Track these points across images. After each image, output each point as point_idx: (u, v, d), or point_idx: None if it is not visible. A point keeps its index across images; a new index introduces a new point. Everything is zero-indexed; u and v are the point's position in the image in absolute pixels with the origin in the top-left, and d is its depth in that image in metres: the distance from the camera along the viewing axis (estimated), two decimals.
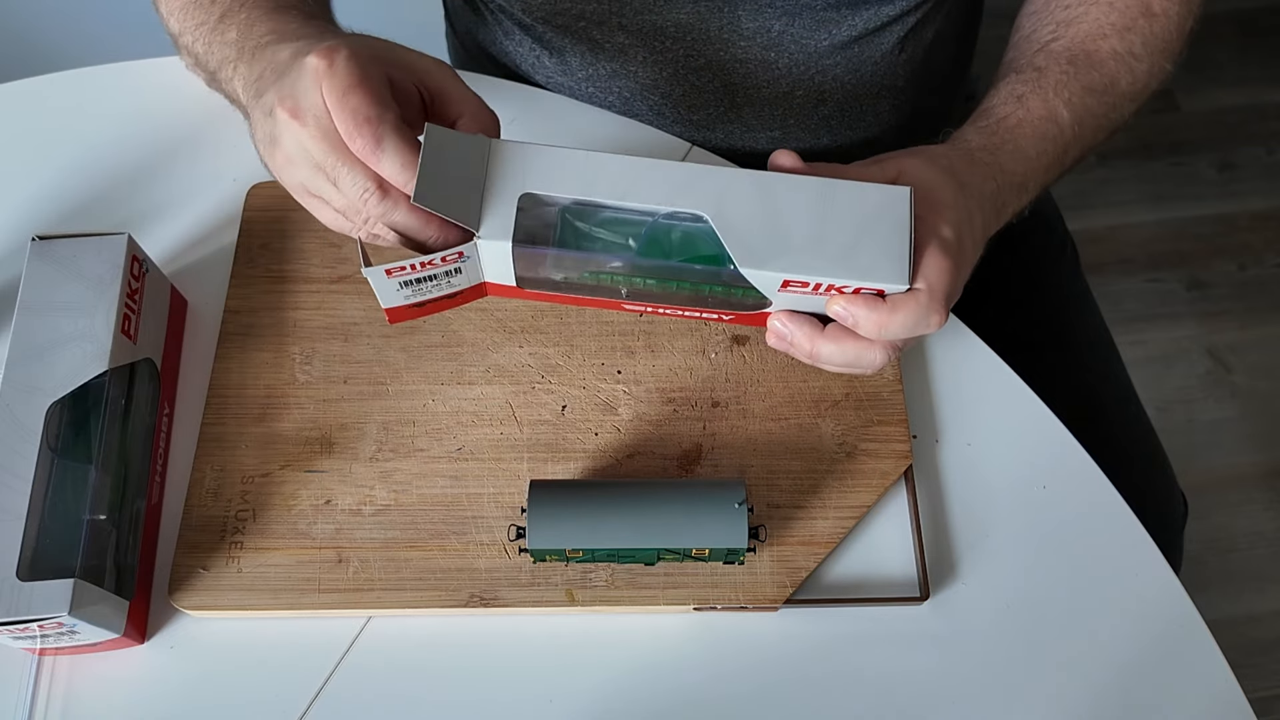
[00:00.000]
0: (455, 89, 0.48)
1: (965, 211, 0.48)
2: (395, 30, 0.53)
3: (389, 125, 0.43)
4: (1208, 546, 1.27)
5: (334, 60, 0.43)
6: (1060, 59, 0.57)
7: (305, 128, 0.44)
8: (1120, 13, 0.59)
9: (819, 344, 0.47)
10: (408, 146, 0.43)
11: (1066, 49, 0.58)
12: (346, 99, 0.43)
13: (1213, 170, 1.56)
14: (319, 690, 0.51)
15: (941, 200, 0.47)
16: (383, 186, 0.44)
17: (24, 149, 0.67)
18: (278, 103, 0.44)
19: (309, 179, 0.45)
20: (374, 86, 0.43)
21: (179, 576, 0.53)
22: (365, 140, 0.43)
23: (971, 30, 0.79)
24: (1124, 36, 0.58)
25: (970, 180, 0.50)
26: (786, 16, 0.65)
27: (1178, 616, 0.53)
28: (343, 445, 0.56)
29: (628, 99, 0.70)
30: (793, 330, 0.48)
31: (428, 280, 0.47)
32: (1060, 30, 0.59)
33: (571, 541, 0.50)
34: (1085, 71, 0.57)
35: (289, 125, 0.44)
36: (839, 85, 0.69)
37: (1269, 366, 1.39)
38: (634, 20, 0.66)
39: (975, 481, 0.56)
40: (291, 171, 0.46)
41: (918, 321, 0.45)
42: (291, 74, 0.44)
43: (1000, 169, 0.52)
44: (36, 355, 0.51)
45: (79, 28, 1.22)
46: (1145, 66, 0.59)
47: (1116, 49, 0.58)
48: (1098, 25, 0.59)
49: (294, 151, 0.45)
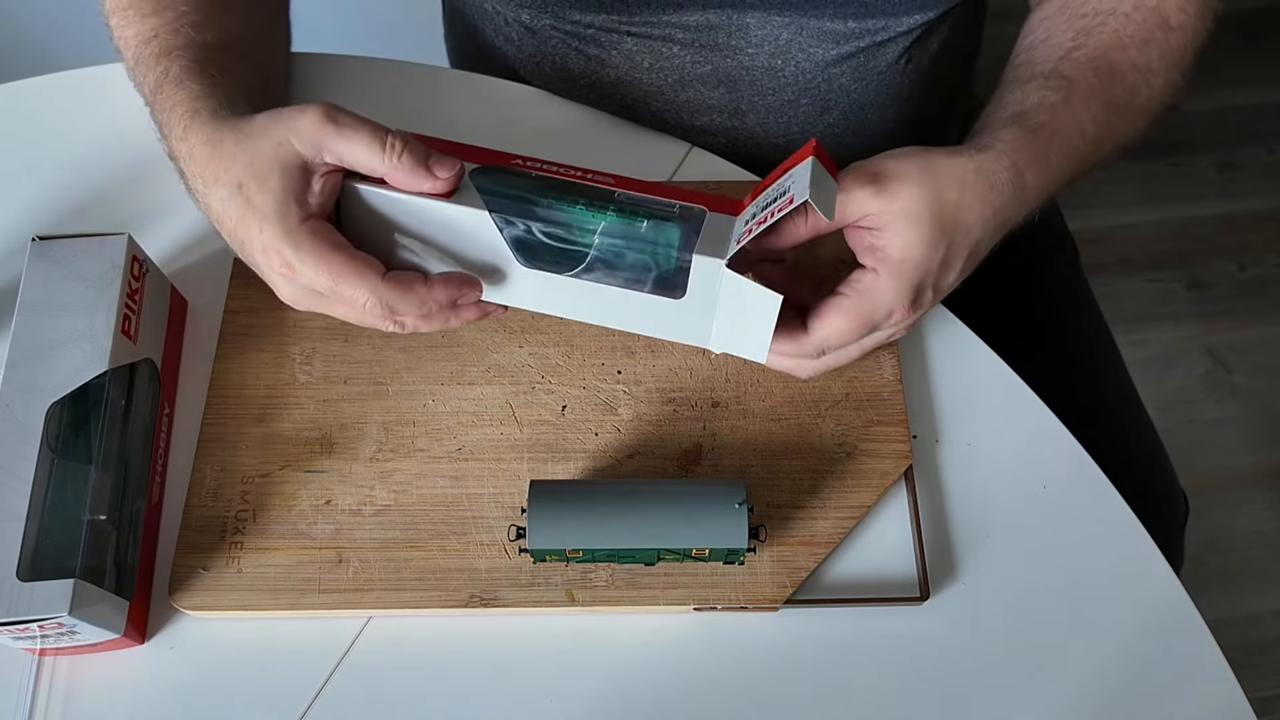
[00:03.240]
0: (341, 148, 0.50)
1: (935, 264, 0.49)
2: (396, 30, 0.54)
3: (387, 288, 0.48)
4: (1208, 546, 1.27)
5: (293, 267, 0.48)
6: (1086, 69, 0.56)
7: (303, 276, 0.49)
8: (1138, 24, 0.58)
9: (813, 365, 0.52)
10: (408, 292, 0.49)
11: (1091, 59, 0.56)
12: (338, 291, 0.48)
13: (1213, 170, 1.56)
14: (319, 690, 0.51)
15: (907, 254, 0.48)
16: (393, 311, 0.49)
17: (24, 149, 0.67)
18: (265, 260, 0.49)
19: (316, 302, 0.50)
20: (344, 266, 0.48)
21: (179, 576, 0.53)
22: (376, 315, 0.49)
23: (975, 37, 0.78)
24: (1143, 49, 0.57)
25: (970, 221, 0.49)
26: (795, 26, 0.65)
27: (1178, 616, 0.53)
28: (343, 445, 0.56)
29: (630, 104, 0.70)
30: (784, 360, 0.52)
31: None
32: (1081, 38, 0.58)
33: (571, 542, 0.50)
34: (1109, 84, 0.56)
35: (287, 280, 0.49)
36: (844, 94, 0.69)
37: (1269, 366, 1.39)
38: (641, 26, 0.66)
39: (975, 481, 0.56)
40: (292, 298, 0.51)
41: (793, 359, 0.51)
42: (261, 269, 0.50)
43: (1024, 187, 0.51)
44: (36, 355, 0.51)
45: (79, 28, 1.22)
46: (1161, 81, 0.58)
47: (1136, 62, 0.57)
48: (1118, 36, 0.57)
49: (295, 292, 0.50)
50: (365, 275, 0.48)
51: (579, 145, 0.67)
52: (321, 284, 0.48)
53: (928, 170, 0.49)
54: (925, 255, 0.48)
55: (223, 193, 0.49)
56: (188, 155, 0.51)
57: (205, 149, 0.50)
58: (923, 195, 0.48)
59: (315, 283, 0.48)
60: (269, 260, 0.49)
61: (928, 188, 0.48)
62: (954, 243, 0.49)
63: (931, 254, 0.48)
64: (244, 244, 0.50)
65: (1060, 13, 0.60)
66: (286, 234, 0.48)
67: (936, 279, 0.50)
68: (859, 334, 0.49)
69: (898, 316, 0.49)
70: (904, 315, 0.50)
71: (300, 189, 0.49)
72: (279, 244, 0.48)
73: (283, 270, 0.49)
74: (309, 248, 0.48)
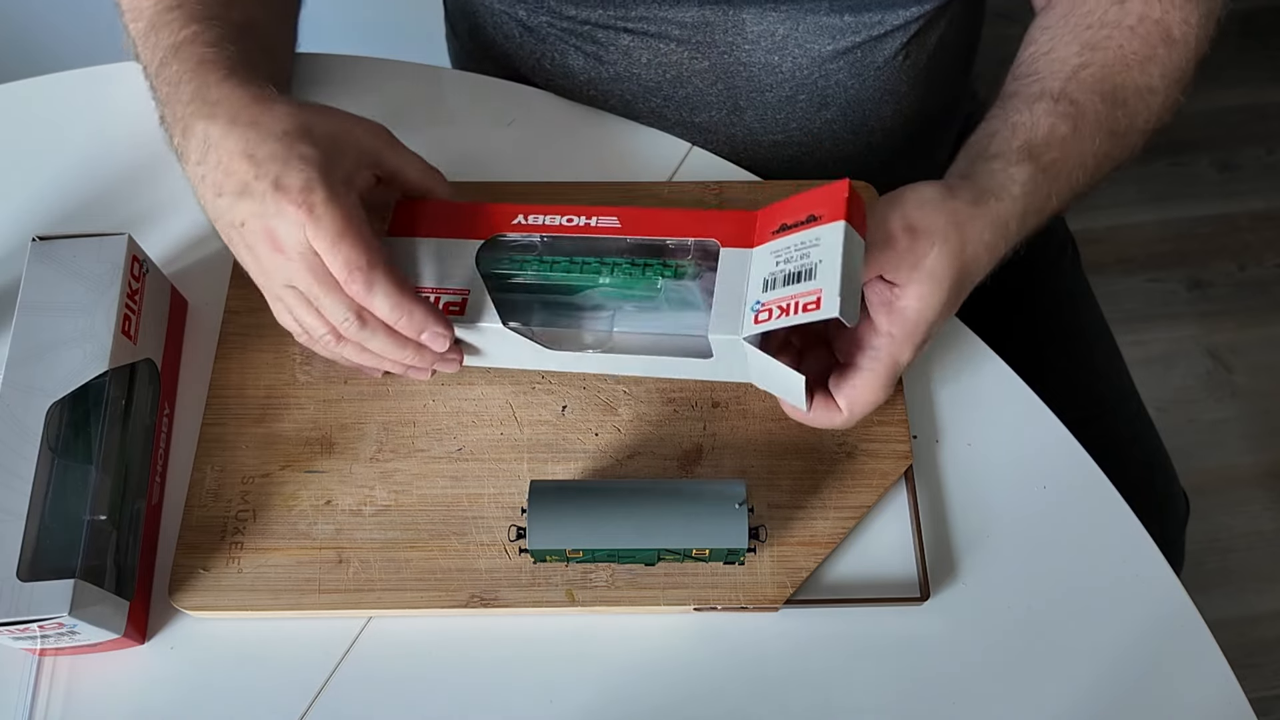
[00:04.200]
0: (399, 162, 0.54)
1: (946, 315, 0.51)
2: (395, 30, 0.54)
3: (379, 271, 0.47)
4: (1208, 546, 1.27)
5: (314, 209, 0.46)
6: (1094, 95, 0.56)
7: (290, 261, 0.48)
8: (1142, 40, 0.57)
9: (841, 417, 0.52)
10: (396, 286, 0.48)
11: (1098, 81, 0.56)
12: (337, 250, 0.47)
13: (1213, 170, 1.56)
14: (319, 690, 0.51)
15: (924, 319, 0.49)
16: (361, 316, 0.49)
17: (24, 149, 0.67)
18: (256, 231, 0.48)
19: (285, 295, 0.50)
20: (359, 232, 0.47)
21: (179, 577, 0.53)
22: (359, 285, 0.47)
23: (974, 35, 0.78)
24: (1145, 68, 0.57)
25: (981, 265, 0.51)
26: (792, 21, 0.65)
27: (1178, 616, 0.53)
28: (343, 446, 0.56)
29: (629, 101, 0.70)
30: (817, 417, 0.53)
31: None
32: (1087, 55, 0.57)
33: (572, 542, 0.50)
34: (1113, 111, 0.56)
35: (273, 256, 0.48)
36: (842, 90, 0.69)
37: (1269, 366, 1.39)
38: (638, 23, 0.66)
39: (975, 481, 0.56)
40: (267, 284, 0.50)
41: (832, 427, 0.53)
42: (266, 206, 0.47)
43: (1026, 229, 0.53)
44: (37, 355, 0.51)
45: (79, 28, 1.22)
46: (1160, 100, 0.58)
47: (1139, 83, 0.57)
48: (1122, 54, 0.57)
49: (276, 274, 0.49)
50: (374, 244, 0.47)
51: (580, 145, 0.67)
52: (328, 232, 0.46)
53: (957, 228, 0.50)
54: (940, 314, 0.50)
55: (258, 136, 0.48)
56: (220, 99, 0.50)
57: (248, 97, 0.50)
58: (949, 256, 0.49)
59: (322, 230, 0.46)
60: (289, 196, 0.46)
61: (955, 246, 0.49)
62: (963, 292, 0.51)
63: (946, 311, 0.50)
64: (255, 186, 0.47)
65: (1064, 22, 0.60)
66: (326, 180, 0.47)
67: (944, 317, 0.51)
68: (889, 392, 0.51)
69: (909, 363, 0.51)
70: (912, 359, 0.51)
71: (350, 169, 0.50)
72: (315, 184, 0.46)
73: (300, 206, 0.46)
74: (341, 201, 0.47)
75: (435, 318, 0.50)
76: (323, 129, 0.50)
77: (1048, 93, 0.56)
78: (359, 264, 0.47)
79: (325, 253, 0.47)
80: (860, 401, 0.51)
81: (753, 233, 0.51)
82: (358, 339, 0.50)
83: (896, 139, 0.73)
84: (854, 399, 0.51)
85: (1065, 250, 0.84)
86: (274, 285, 0.50)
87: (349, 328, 0.49)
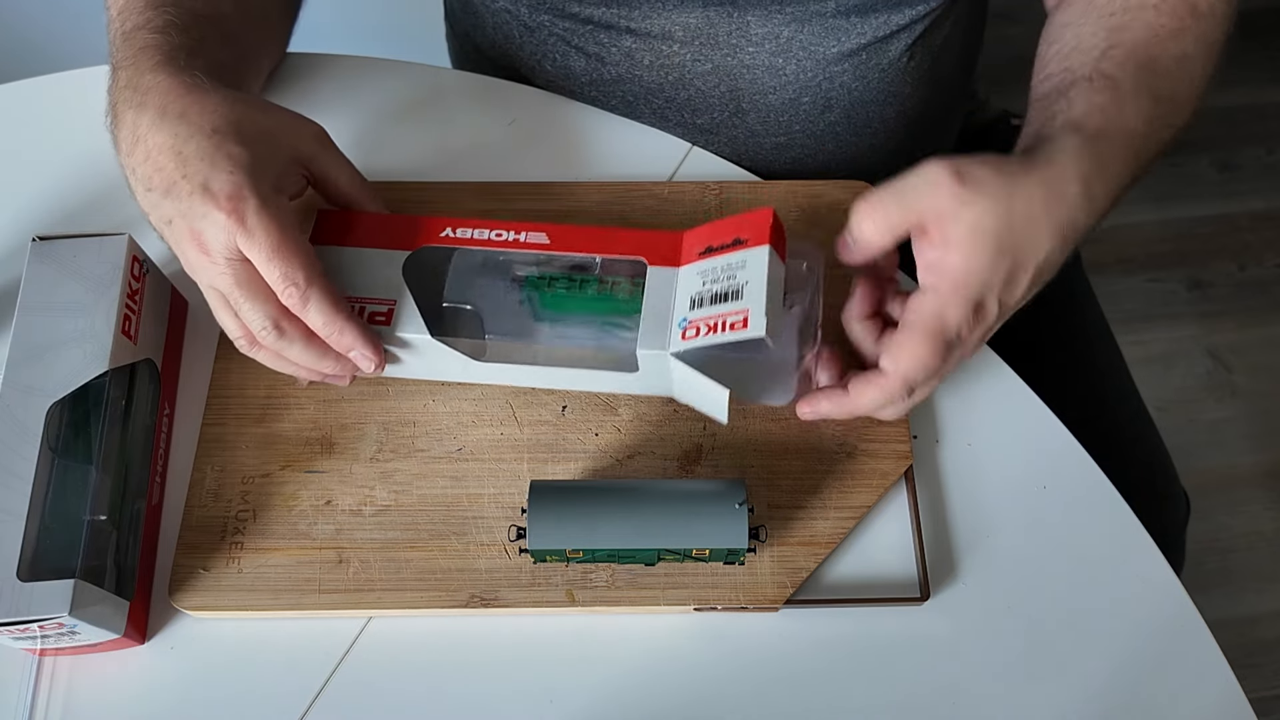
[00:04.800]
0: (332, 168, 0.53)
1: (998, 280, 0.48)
2: (395, 30, 0.54)
3: (316, 287, 0.47)
4: (1208, 546, 1.27)
5: (245, 218, 0.46)
6: (1128, 65, 0.54)
7: (215, 265, 0.47)
8: (1169, 14, 0.56)
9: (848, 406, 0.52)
10: (331, 302, 0.48)
11: (1130, 55, 0.55)
12: (273, 263, 0.46)
13: (1213, 170, 1.56)
14: (319, 691, 0.51)
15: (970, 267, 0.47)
16: (279, 326, 0.48)
17: (24, 149, 0.67)
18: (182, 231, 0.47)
19: (208, 294, 0.50)
20: (295, 243, 0.47)
21: (179, 577, 0.53)
22: (295, 300, 0.47)
23: (977, 35, 0.78)
24: (1178, 39, 0.56)
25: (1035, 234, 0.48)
26: (796, 23, 0.65)
27: (1178, 616, 0.53)
28: (343, 446, 0.56)
29: (631, 101, 0.70)
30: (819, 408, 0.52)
31: None
32: (1115, 37, 0.56)
33: (572, 542, 0.50)
34: (1151, 78, 0.54)
35: (199, 257, 0.48)
36: (846, 92, 0.68)
37: (1269, 366, 1.39)
38: (641, 23, 0.66)
39: (975, 481, 0.56)
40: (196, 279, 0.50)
41: (881, 401, 0.50)
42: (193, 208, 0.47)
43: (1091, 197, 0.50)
44: (37, 356, 0.51)
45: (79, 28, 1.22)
46: (1199, 68, 0.56)
47: (1173, 52, 0.55)
48: (1151, 30, 0.56)
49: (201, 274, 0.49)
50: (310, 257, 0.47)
51: (580, 145, 0.67)
52: (262, 245, 0.46)
53: (1006, 183, 0.47)
54: (987, 271, 0.47)
55: (186, 131, 0.47)
56: (151, 88, 0.49)
57: (179, 87, 0.48)
58: (995, 209, 0.47)
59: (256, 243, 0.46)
60: (216, 203, 0.46)
61: (1002, 202, 0.47)
62: (1019, 260, 0.48)
63: (994, 270, 0.47)
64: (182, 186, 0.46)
65: (1085, 16, 0.58)
66: (256, 187, 0.46)
67: (1001, 293, 0.48)
68: (940, 358, 0.48)
69: (964, 333, 0.48)
70: (970, 332, 0.48)
71: (281, 170, 0.49)
72: (244, 190, 0.46)
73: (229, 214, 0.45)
74: (273, 209, 0.46)
75: (366, 339, 0.50)
76: (254, 126, 0.48)
77: (1080, 77, 0.54)
78: (295, 279, 0.47)
79: (261, 265, 0.47)
80: (910, 360, 0.48)
81: (679, 253, 0.52)
82: (274, 348, 0.50)
83: (898, 139, 0.73)
84: (898, 357, 0.48)
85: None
86: (200, 283, 0.50)
87: (266, 336, 0.49)
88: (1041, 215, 0.48)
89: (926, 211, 0.47)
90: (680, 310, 0.50)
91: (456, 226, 0.54)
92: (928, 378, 0.49)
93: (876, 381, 0.49)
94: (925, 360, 0.48)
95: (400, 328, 0.52)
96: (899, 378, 0.49)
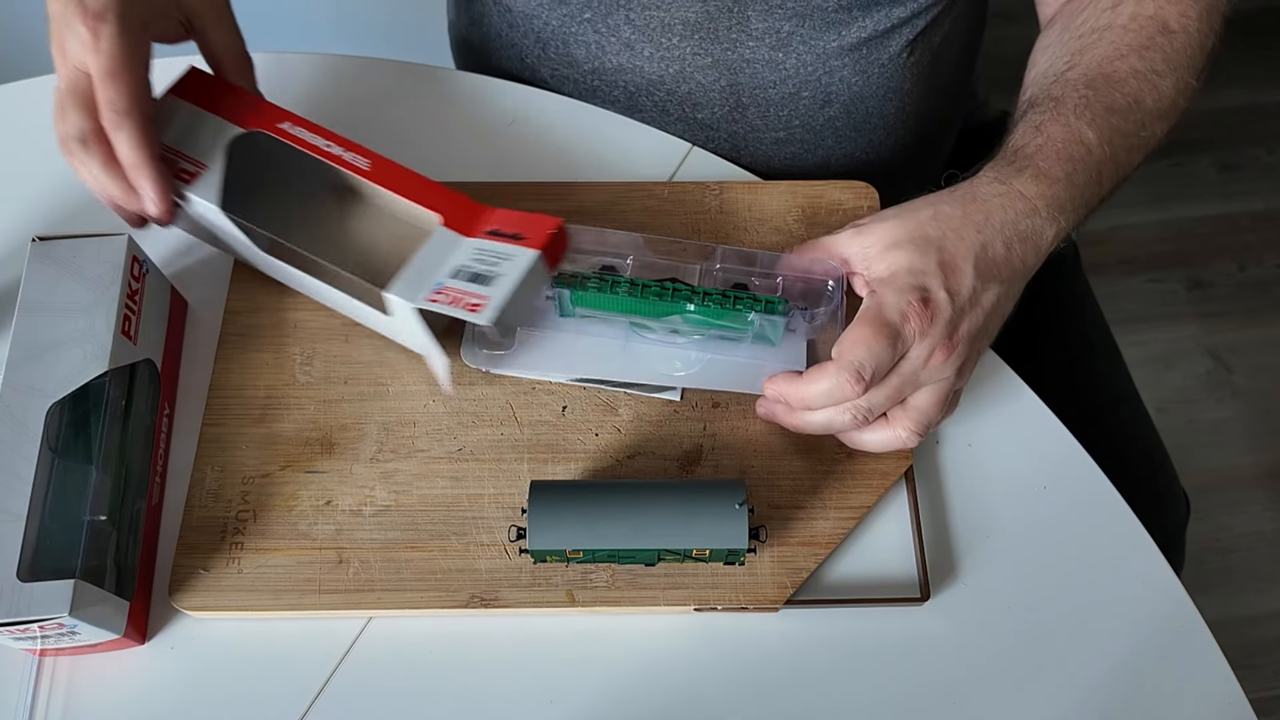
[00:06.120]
0: (213, 29, 0.56)
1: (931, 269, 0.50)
2: (396, 30, 0.54)
3: (132, 119, 0.50)
4: (1208, 546, 1.27)
5: (99, 36, 0.49)
6: (1078, 85, 0.56)
7: (64, 67, 0.51)
8: (1136, 33, 0.57)
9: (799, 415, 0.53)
10: (141, 136, 0.51)
11: (1083, 75, 0.56)
12: (105, 84, 0.50)
13: (1213, 170, 1.56)
14: (319, 691, 0.51)
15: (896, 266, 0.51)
16: (85, 140, 0.51)
17: (24, 149, 0.67)
18: (54, 32, 0.51)
19: (55, 94, 0.52)
20: (132, 74, 0.50)
21: (179, 577, 0.53)
22: (109, 123, 0.50)
23: (977, 34, 0.78)
24: (1143, 55, 0.57)
25: (957, 227, 0.51)
26: (797, 17, 0.65)
27: (1178, 616, 0.53)
28: (343, 446, 0.56)
29: (632, 94, 0.70)
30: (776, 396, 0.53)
31: None
32: (1075, 59, 0.57)
33: (572, 542, 0.50)
34: (1105, 92, 0.55)
35: (59, 56, 0.51)
36: (846, 87, 0.69)
37: (1269, 366, 1.39)
38: (641, 16, 0.66)
39: (975, 481, 0.56)
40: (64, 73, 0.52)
41: (831, 391, 0.50)
42: (67, 14, 0.50)
43: (1019, 195, 0.52)
44: (37, 356, 0.51)
45: None
46: (1170, 83, 0.57)
47: (1136, 67, 0.56)
48: (1114, 48, 0.57)
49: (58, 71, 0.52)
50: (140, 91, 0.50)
51: (580, 145, 0.67)
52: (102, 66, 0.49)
53: (903, 208, 0.53)
54: (915, 261, 0.50)
55: None
56: None
57: None
58: (898, 224, 0.52)
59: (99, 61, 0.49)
60: (82, 17, 0.49)
61: (904, 218, 0.52)
62: (946, 250, 0.51)
63: (921, 260, 0.50)
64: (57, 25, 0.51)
65: (1059, 38, 0.60)
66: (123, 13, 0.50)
67: (947, 283, 0.50)
68: (885, 342, 0.48)
69: (915, 323, 0.49)
70: (920, 319, 0.49)
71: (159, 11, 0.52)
72: (109, 13, 0.49)
73: (88, 30, 0.49)
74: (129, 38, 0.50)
75: (159, 184, 0.52)
76: None
77: (1033, 104, 0.57)
78: (118, 105, 0.50)
79: (95, 81, 0.50)
80: (848, 343, 0.49)
81: (474, 225, 0.54)
82: (77, 157, 0.52)
83: (898, 136, 0.73)
84: (842, 342, 0.49)
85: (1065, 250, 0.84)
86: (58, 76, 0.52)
87: (72, 145, 0.51)
88: (957, 214, 0.51)
89: (843, 252, 0.53)
90: (442, 275, 0.52)
91: (295, 124, 0.56)
92: (877, 365, 0.49)
93: (825, 366, 0.50)
94: (869, 342, 0.48)
95: (196, 190, 0.53)
96: (844, 360, 0.49)
